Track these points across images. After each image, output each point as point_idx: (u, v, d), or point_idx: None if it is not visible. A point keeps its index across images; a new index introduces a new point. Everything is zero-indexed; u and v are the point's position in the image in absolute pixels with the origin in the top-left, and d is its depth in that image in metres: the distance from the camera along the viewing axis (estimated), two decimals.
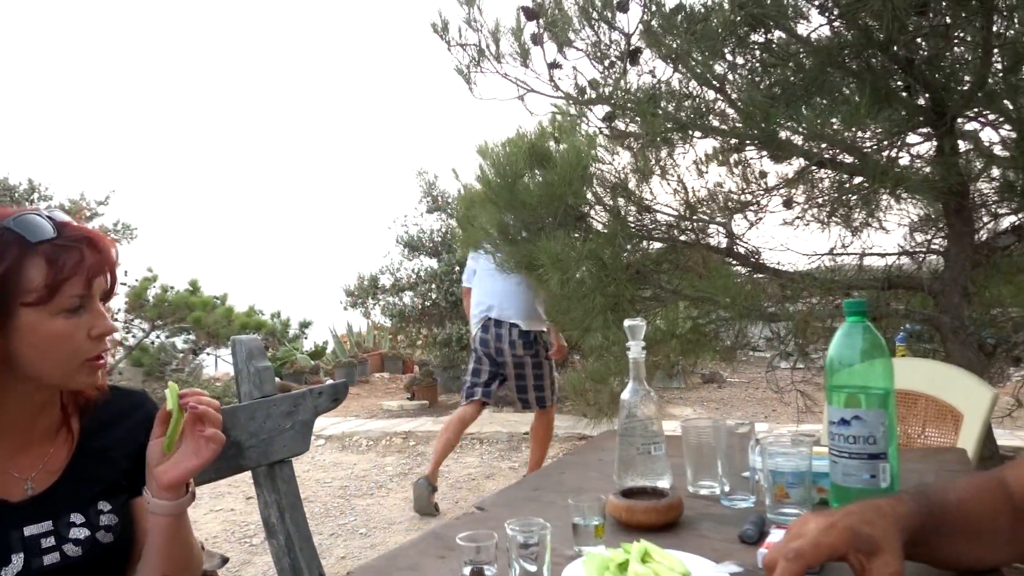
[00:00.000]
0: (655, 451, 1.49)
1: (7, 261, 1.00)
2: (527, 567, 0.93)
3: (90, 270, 1.05)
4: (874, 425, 1.18)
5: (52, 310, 1.02)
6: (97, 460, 1.17)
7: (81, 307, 1.05)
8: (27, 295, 1.01)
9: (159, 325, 10.93)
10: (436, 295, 8.01)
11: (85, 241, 1.07)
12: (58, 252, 1.03)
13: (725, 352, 3.82)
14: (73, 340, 1.05)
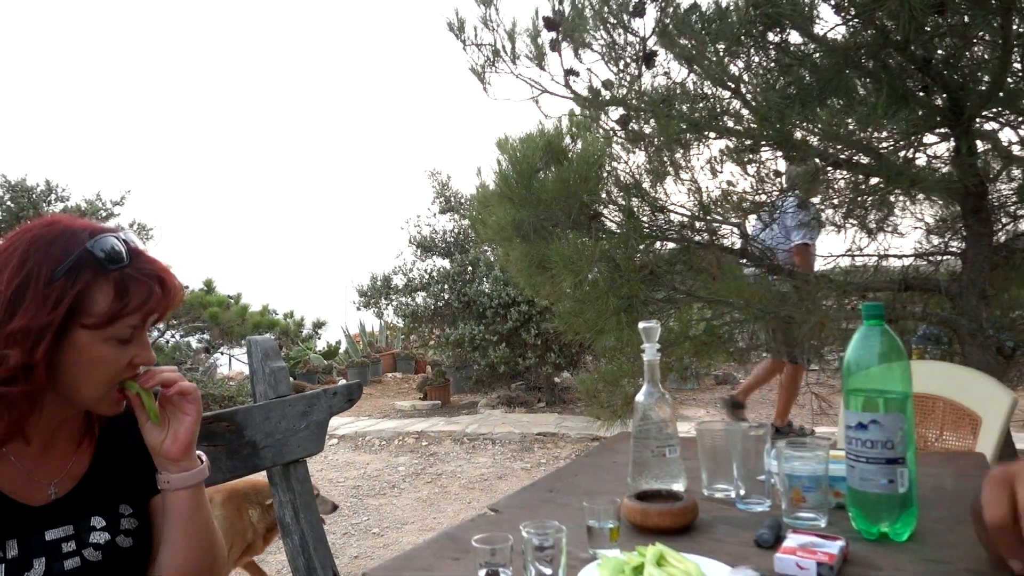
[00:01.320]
0: (670, 453, 1.48)
1: (80, 284, 1.02)
2: (542, 570, 0.93)
3: (153, 307, 1.07)
4: (892, 430, 1.17)
5: (105, 336, 1.04)
6: (118, 462, 1.18)
7: (132, 338, 1.07)
8: (88, 318, 1.02)
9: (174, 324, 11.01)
10: (449, 295, 8.01)
11: (155, 278, 1.08)
12: (128, 283, 1.05)
13: (739, 354, 3.80)
14: (115, 366, 1.07)
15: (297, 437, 2.09)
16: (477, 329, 7.71)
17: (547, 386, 8.11)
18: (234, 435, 1.91)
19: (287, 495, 2.07)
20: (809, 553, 1.07)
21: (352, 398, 2.31)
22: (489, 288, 7.76)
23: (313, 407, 2.15)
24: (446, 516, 4.50)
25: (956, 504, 1.36)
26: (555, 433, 6.48)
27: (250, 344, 2.17)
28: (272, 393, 2.09)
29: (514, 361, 7.73)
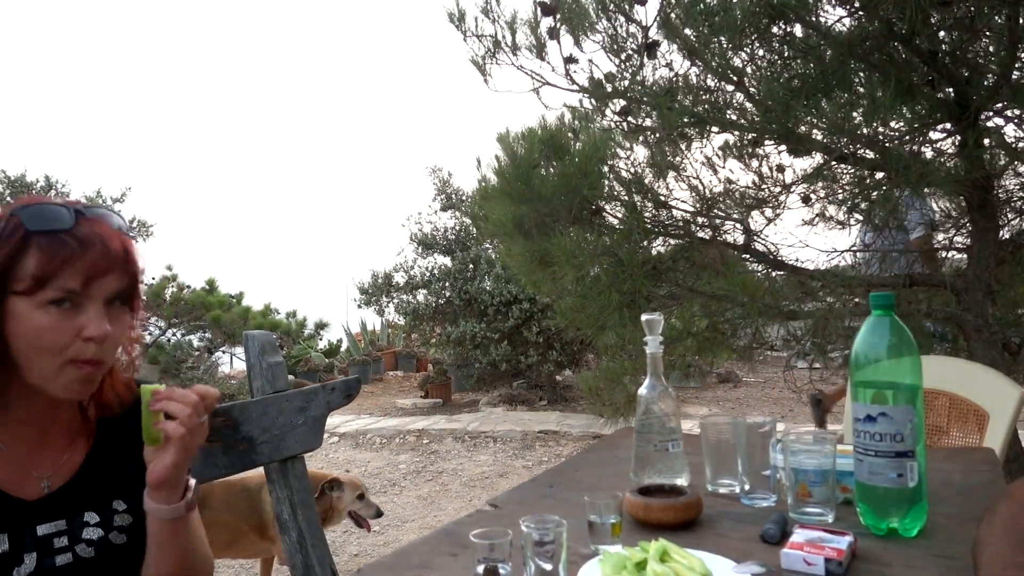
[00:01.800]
0: (673, 448, 1.45)
1: (7, 248, 0.99)
2: (543, 565, 0.90)
3: (88, 267, 1.01)
4: (901, 422, 1.14)
5: (39, 301, 0.99)
6: (114, 457, 1.15)
7: (71, 303, 1.00)
8: (18, 283, 0.98)
9: (175, 323, 11.00)
10: (450, 293, 7.99)
11: (94, 239, 1.02)
12: (56, 244, 0.99)
13: (741, 351, 3.76)
14: (57, 336, 1.00)
15: (294, 433, 2.06)
16: (478, 327, 7.69)
17: (549, 384, 8.09)
18: (230, 431, 1.89)
19: (284, 491, 2.04)
20: (817, 549, 1.04)
21: (350, 393, 2.28)
22: (491, 286, 7.74)
23: (311, 402, 2.13)
24: (447, 514, 4.47)
25: (966, 499, 1.33)
26: (557, 431, 6.45)
27: (247, 339, 2.14)
28: (269, 388, 2.06)
29: (516, 359, 7.70)
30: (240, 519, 2.98)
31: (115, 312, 1.05)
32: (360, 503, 3.13)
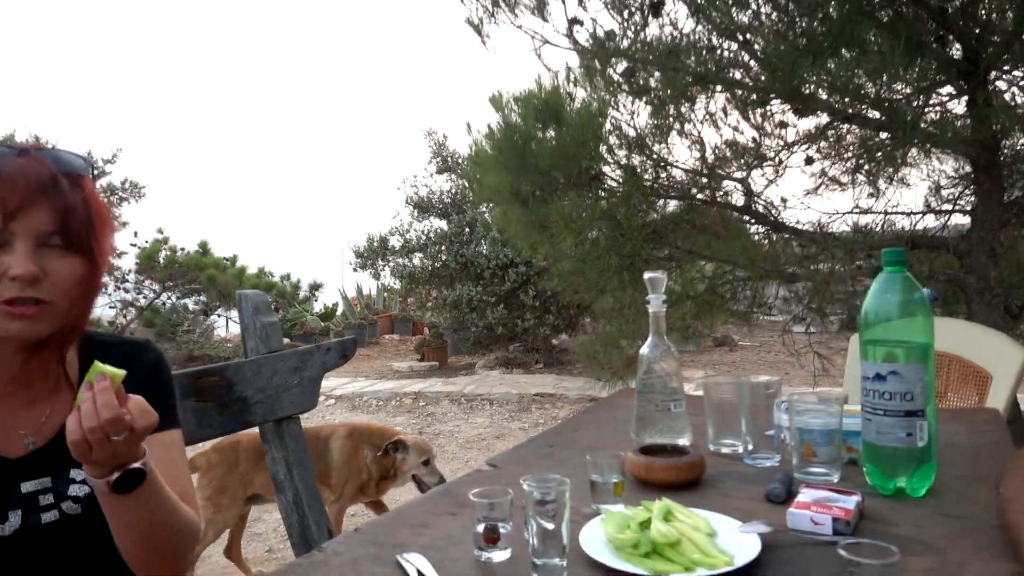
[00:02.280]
0: (675, 408, 1.43)
1: None
2: (544, 525, 0.88)
3: (5, 200, 0.94)
4: (912, 381, 1.11)
5: None
6: None
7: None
8: None
9: (170, 287, 10.95)
10: (446, 256, 7.93)
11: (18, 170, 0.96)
12: None
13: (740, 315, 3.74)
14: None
15: (289, 393, 2.04)
16: (475, 290, 7.65)
17: (545, 347, 8.09)
18: (224, 390, 1.86)
19: (280, 452, 2.02)
20: (824, 508, 1.02)
21: (346, 354, 2.25)
22: (487, 249, 7.68)
23: (306, 363, 2.10)
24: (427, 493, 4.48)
25: (973, 460, 1.31)
26: (553, 394, 6.47)
27: (241, 299, 2.10)
28: (263, 348, 2.03)
29: (512, 322, 7.69)
30: None
31: (53, 254, 0.98)
32: (425, 468, 3.11)
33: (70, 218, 0.99)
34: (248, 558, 3.34)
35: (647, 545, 0.93)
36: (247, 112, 46.92)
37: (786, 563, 0.93)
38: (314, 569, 0.96)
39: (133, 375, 1.17)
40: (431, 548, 1.01)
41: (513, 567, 0.95)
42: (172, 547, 1.04)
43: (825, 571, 0.90)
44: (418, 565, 0.95)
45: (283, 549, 3.40)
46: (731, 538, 0.98)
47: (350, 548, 1.02)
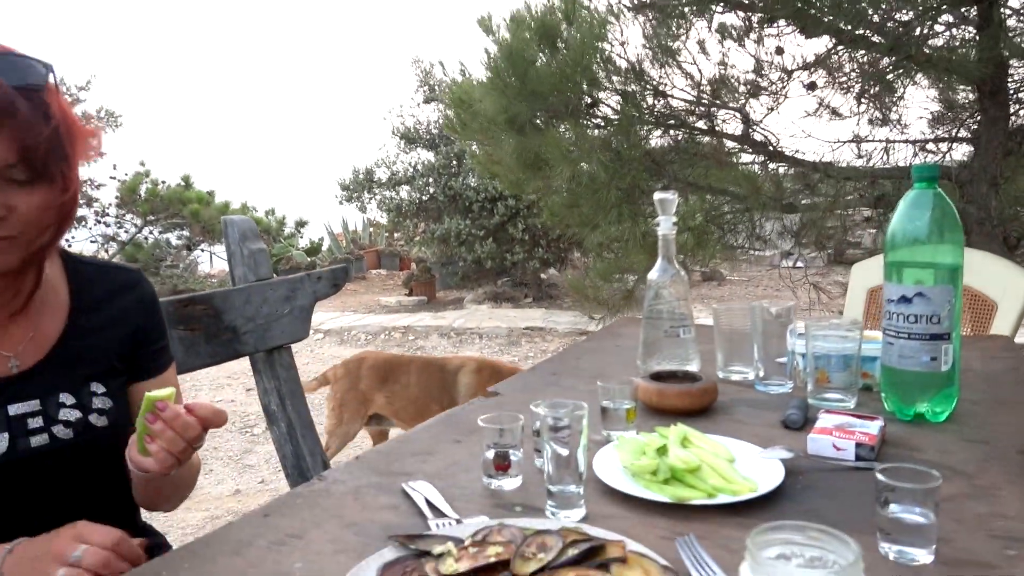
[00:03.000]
0: (684, 334, 1.38)
1: None
2: (560, 451, 0.83)
3: None
4: (940, 303, 1.06)
5: None
6: (89, 338, 1.05)
7: None
8: None
9: (152, 221, 10.75)
10: (434, 189, 7.79)
11: None
12: None
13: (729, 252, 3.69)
14: None
15: (280, 323, 1.97)
16: (463, 224, 7.55)
17: (534, 282, 8.05)
18: (212, 319, 1.79)
19: (272, 382, 1.97)
20: (847, 433, 0.98)
21: (337, 283, 2.18)
22: (475, 182, 7.54)
23: (296, 292, 2.03)
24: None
25: (991, 386, 1.28)
26: (543, 327, 6.46)
27: (226, 224, 2.02)
28: (252, 276, 1.96)
29: (501, 257, 7.62)
30: (430, 397, 3.02)
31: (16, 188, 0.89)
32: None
33: (32, 145, 0.88)
34: (240, 490, 3.34)
35: (666, 471, 0.89)
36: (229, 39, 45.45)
37: (809, 489, 0.89)
38: (315, 498, 0.91)
39: (128, 303, 1.11)
40: (437, 476, 0.97)
41: (524, 495, 0.91)
42: (183, 490, 1.11)
43: (850, 497, 0.87)
44: (425, 493, 0.90)
45: (275, 480, 3.40)
46: (751, 464, 0.94)
47: (352, 477, 0.98)
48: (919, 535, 0.72)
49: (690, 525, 0.80)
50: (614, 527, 0.78)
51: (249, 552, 0.78)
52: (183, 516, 3.04)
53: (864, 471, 0.93)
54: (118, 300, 1.10)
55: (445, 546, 0.71)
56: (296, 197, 12.56)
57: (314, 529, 0.82)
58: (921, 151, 3.40)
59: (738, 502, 0.83)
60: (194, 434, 0.90)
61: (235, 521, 0.85)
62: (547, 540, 0.70)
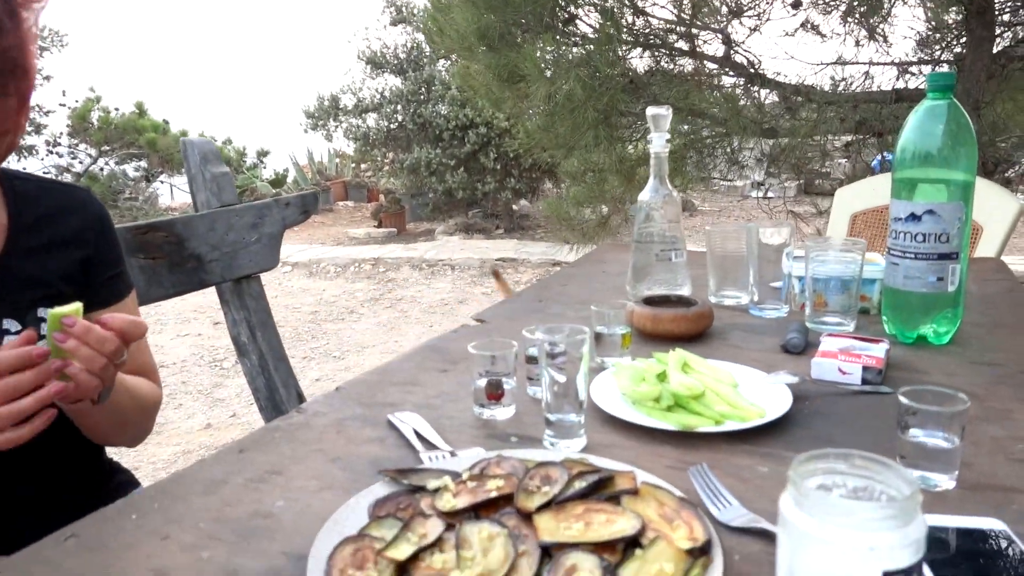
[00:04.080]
0: (676, 258, 1.32)
1: None
2: (558, 378, 0.77)
3: None
4: (950, 220, 1.01)
5: None
6: (32, 260, 0.96)
7: None
8: None
9: (107, 151, 10.33)
10: (402, 117, 7.55)
11: None
12: None
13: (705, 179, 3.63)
14: None
15: (248, 251, 1.88)
16: (433, 153, 7.36)
17: (506, 213, 7.94)
18: (174, 247, 1.69)
19: (241, 313, 1.89)
20: (853, 357, 0.94)
21: (307, 209, 2.08)
22: (446, 109, 7.32)
23: (264, 219, 1.93)
24: (408, 339, 4.44)
25: (989, 307, 1.25)
26: (515, 259, 6.40)
27: (186, 146, 1.89)
28: (216, 201, 1.85)
29: (472, 187, 7.47)
30: None
31: None
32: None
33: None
34: (211, 424, 3.29)
35: (669, 398, 0.84)
36: None
37: (817, 414, 0.85)
38: (295, 432, 0.85)
39: (77, 223, 1.01)
40: (425, 407, 0.91)
41: (519, 425, 0.86)
42: (140, 424, 1.03)
43: (861, 421, 0.83)
44: (414, 424, 0.84)
45: (248, 414, 3.35)
46: (756, 389, 0.89)
47: (333, 409, 0.91)
48: (941, 460, 0.68)
49: (698, 454, 0.75)
50: (618, 457, 0.73)
51: (224, 490, 0.71)
52: (153, 451, 2.98)
53: (870, 395, 0.90)
54: (64, 220, 1.00)
55: (441, 480, 0.65)
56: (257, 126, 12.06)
57: (295, 465, 0.76)
58: (904, 74, 3.33)
59: (747, 429, 0.79)
60: (112, 347, 0.79)
61: (208, 458, 0.79)
62: (552, 472, 0.65)
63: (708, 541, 0.55)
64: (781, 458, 0.74)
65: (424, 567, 0.55)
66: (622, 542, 0.55)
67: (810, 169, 4.22)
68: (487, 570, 0.53)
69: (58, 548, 0.62)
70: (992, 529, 0.60)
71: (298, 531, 0.64)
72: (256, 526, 0.65)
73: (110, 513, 0.68)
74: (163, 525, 0.65)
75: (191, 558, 0.60)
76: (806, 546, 0.44)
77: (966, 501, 0.65)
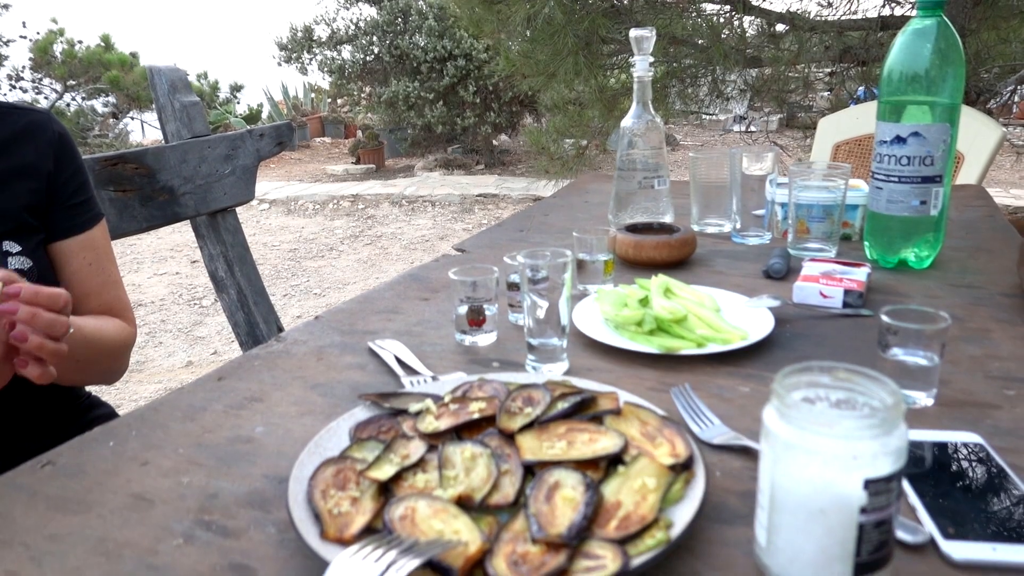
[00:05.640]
0: (658, 185, 1.30)
1: None
2: (541, 302, 0.77)
3: None
4: (935, 142, 1.00)
5: None
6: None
7: None
8: None
9: (72, 86, 9.98)
10: (379, 48, 7.33)
11: None
12: None
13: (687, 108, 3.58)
14: None
15: (222, 184, 1.83)
16: (411, 86, 7.19)
17: (486, 148, 7.83)
18: (145, 179, 1.64)
19: (218, 247, 1.86)
20: (834, 280, 0.94)
21: (282, 141, 2.03)
22: (424, 41, 7.11)
23: (238, 150, 1.87)
24: (389, 276, 4.42)
25: (969, 233, 1.25)
26: (496, 194, 6.34)
27: (153, 74, 1.82)
28: (187, 132, 1.79)
29: (452, 121, 7.33)
30: None
31: None
32: None
33: None
34: (192, 362, 3.28)
35: (651, 322, 0.84)
36: None
37: (799, 337, 0.85)
38: (274, 360, 0.84)
39: (38, 148, 0.96)
40: (406, 334, 0.90)
41: (501, 351, 0.85)
42: (109, 366, 0.99)
43: (842, 342, 0.83)
44: (395, 351, 0.84)
45: (229, 351, 3.34)
46: (738, 314, 0.89)
47: (313, 337, 0.90)
48: (921, 378, 0.69)
49: (680, 376, 0.76)
50: (600, 380, 0.73)
51: (204, 417, 0.71)
52: (135, 388, 2.98)
53: (852, 317, 0.90)
54: (23, 144, 0.96)
55: (423, 403, 0.65)
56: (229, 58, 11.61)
57: (275, 391, 0.76)
58: (890, 2, 3.26)
59: (729, 351, 0.79)
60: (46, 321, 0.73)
61: (186, 385, 0.78)
62: (534, 394, 0.64)
63: (690, 457, 0.55)
64: (763, 379, 0.74)
65: (407, 487, 0.54)
66: (605, 460, 0.55)
67: (793, 102, 4.18)
68: (470, 488, 0.53)
69: (34, 475, 0.61)
70: (968, 442, 0.61)
71: (279, 455, 0.63)
72: (237, 451, 0.64)
73: (87, 440, 0.67)
74: (142, 451, 0.65)
75: (171, 482, 0.60)
76: (789, 457, 0.44)
77: (944, 417, 0.66)
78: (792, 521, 0.44)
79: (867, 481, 0.42)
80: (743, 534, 0.51)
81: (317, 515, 0.51)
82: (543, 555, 0.46)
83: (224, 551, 0.51)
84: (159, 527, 0.54)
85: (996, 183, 6.16)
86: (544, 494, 0.51)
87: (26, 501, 0.58)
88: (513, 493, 0.53)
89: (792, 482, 0.44)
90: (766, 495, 0.46)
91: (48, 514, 0.56)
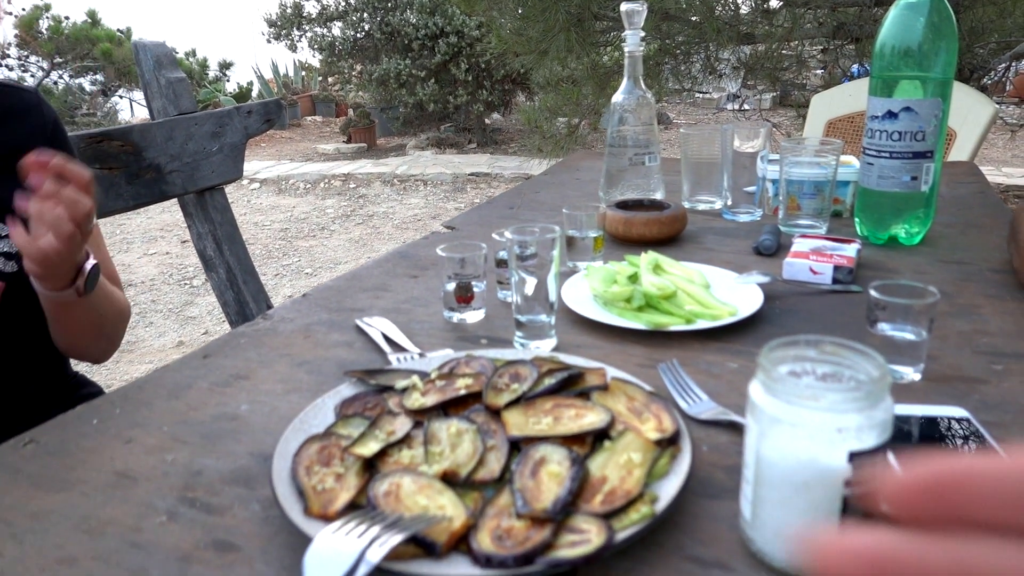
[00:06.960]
0: (649, 162, 1.29)
1: None
2: (529, 278, 0.76)
3: None
4: (926, 118, 0.99)
5: None
6: None
7: None
8: None
9: (59, 63, 9.85)
10: (369, 25, 7.25)
11: None
12: None
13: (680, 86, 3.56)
14: None
15: (210, 161, 1.81)
16: (403, 64, 7.12)
17: (478, 126, 7.78)
18: (131, 157, 1.62)
19: (206, 226, 1.84)
20: (824, 257, 0.94)
21: (270, 118, 2.01)
22: (415, 17, 7.03)
23: (225, 127, 1.85)
24: (380, 255, 4.40)
25: (960, 209, 1.25)
26: (488, 173, 6.31)
27: (138, 50, 1.79)
28: (173, 109, 1.77)
29: (444, 99, 7.27)
30: None
31: None
32: None
33: None
34: (183, 342, 3.27)
35: (640, 299, 0.83)
36: None
37: (788, 313, 0.85)
38: (261, 337, 0.83)
39: (27, 128, 0.95)
40: (394, 311, 0.90)
41: (489, 327, 0.85)
42: (112, 333, 1.00)
43: (831, 318, 0.83)
44: (382, 328, 0.83)
45: (220, 331, 3.33)
46: (727, 290, 0.89)
47: (300, 314, 0.90)
48: (908, 353, 0.69)
49: (669, 352, 0.75)
50: (589, 357, 0.73)
51: (189, 394, 0.70)
52: (125, 368, 2.97)
53: (841, 294, 0.90)
54: (11, 125, 0.94)
55: (409, 380, 0.65)
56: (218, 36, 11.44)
57: (261, 369, 0.75)
58: None
59: (718, 327, 0.79)
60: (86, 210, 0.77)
61: (171, 363, 0.77)
62: (521, 370, 0.64)
63: (676, 432, 0.55)
64: (751, 355, 0.74)
65: (392, 463, 0.54)
66: (591, 435, 0.55)
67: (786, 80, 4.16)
68: (455, 464, 0.53)
69: (16, 453, 0.61)
70: (955, 416, 0.61)
71: (264, 432, 0.63)
72: (222, 428, 0.64)
73: (70, 418, 0.66)
74: (126, 429, 0.64)
75: (156, 460, 0.59)
76: (774, 430, 0.44)
77: (931, 392, 0.66)
78: (777, 495, 0.44)
79: (852, 454, 0.42)
80: (729, 508, 0.51)
81: (301, 491, 0.51)
82: (528, 530, 0.46)
83: (208, 528, 0.51)
84: (143, 504, 0.53)
85: (989, 161, 6.16)
86: (530, 469, 0.51)
87: (8, 479, 0.57)
88: (499, 469, 0.53)
89: (777, 455, 0.44)
90: (751, 469, 0.46)
91: (31, 492, 0.55)
